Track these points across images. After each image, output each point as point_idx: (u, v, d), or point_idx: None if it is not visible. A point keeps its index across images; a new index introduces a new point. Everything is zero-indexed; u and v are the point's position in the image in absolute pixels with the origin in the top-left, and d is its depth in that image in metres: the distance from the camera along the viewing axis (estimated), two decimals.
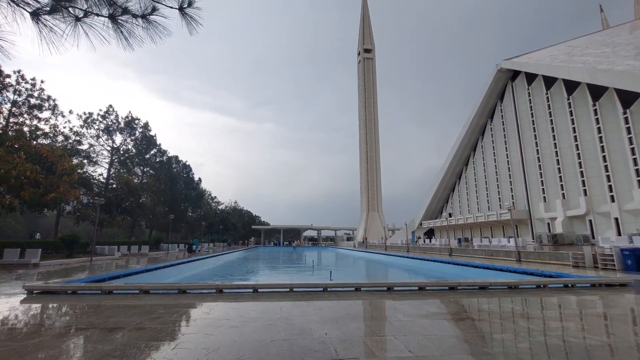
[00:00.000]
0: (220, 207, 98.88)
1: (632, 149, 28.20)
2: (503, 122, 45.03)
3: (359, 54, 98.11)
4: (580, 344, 4.99)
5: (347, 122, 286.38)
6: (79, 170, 32.44)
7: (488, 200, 47.18)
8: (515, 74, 42.64)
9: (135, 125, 49.47)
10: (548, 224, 36.37)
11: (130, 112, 49.26)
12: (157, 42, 3.79)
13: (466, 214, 50.74)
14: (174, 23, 3.62)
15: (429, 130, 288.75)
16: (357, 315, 6.84)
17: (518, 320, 6.73)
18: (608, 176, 30.28)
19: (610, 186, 30.14)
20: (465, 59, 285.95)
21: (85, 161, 41.00)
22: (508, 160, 43.71)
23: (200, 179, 76.00)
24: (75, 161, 33.67)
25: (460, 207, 54.05)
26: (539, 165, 38.15)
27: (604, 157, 30.76)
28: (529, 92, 40.38)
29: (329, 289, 9.71)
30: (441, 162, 57.26)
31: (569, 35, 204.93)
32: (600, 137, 31.19)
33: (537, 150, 38.57)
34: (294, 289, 9.65)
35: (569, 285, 10.54)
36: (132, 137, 49.61)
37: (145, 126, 51.23)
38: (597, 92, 31.13)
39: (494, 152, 46.53)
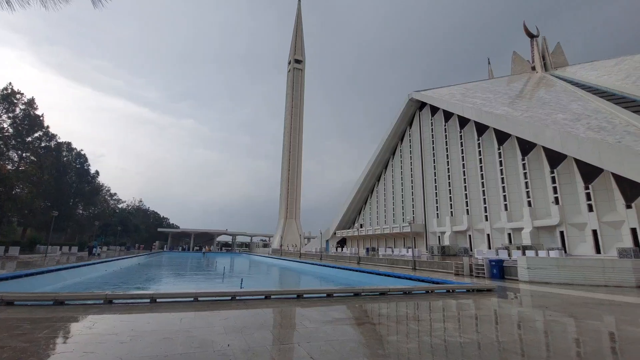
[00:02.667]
0: (120, 206, 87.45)
1: (502, 179, 34.74)
2: (410, 145, 50.74)
3: (289, 62, 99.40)
4: (456, 342, 5.86)
5: (275, 128, 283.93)
6: None
7: (394, 213, 52.16)
8: (422, 105, 48.65)
9: (15, 101, 40.59)
10: (439, 237, 41.94)
11: (10, 83, 40.22)
12: (49, 7, 3.25)
13: (375, 225, 55.10)
14: None
15: (350, 145, 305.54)
16: (264, 324, 6.77)
17: (409, 322, 7.57)
18: (484, 199, 36.59)
19: (485, 207, 36.44)
20: (390, 83, 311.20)
21: None
22: (412, 179, 49.25)
23: (97, 172, 66.34)
24: None
25: (370, 219, 58.45)
26: (435, 186, 43.97)
27: (482, 183, 37.14)
28: (431, 122, 46.48)
29: (237, 298, 9.40)
30: (357, 176, 61.32)
31: (469, 77, 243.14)
32: (481, 167, 37.63)
33: (435, 172, 44.47)
34: (199, 298, 9.07)
35: (450, 290, 12.28)
36: (10, 115, 40.53)
37: (30, 103, 42.47)
38: (481, 129, 37.59)
39: (401, 171, 51.96)
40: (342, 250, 55.17)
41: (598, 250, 24.79)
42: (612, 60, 44.11)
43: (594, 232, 25.45)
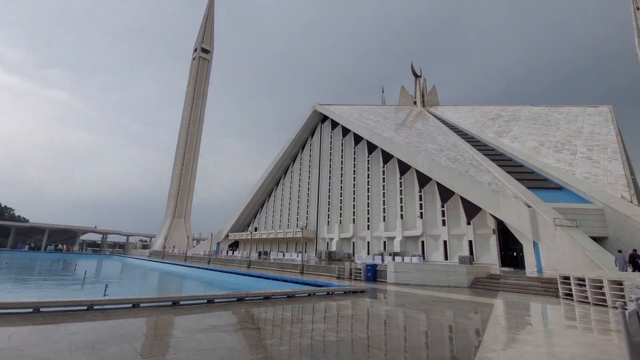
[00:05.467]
0: None
1: (384, 193, 39.62)
2: (310, 154, 53.15)
3: (195, 50, 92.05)
4: (332, 341, 6.33)
5: (171, 117, 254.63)
6: None
7: (289, 218, 53.41)
8: (325, 117, 51.73)
9: None
10: (328, 242, 44.86)
11: None
12: None
13: (270, 230, 55.26)
14: None
15: (253, 147, 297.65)
16: (125, 337, 6.00)
17: (289, 325, 7.83)
18: (368, 210, 40.98)
19: (368, 218, 40.80)
20: (298, 92, 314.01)
21: None
22: (308, 187, 51.54)
23: None
24: None
25: (266, 223, 58.37)
26: (329, 195, 47.10)
27: (368, 196, 41.61)
28: (331, 135, 49.85)
29: (96, 307, 8.09)
30: (257, 179, 60.59)
31: (368, 99, 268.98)
32: (368, 181, 42.16)
33: (329, 182, 47.66)
34: (42, 309, 7.46)
35: (330, 293, 13.25)
36: None
37: None
38: (371, 148, 42.22)
39: (299, 178, 53.86)
40: (234, 253, 53.31)
41: (446, 257, 30.52)
42: (468, 107, 55.64)
43: (445, 242, 31.28)
